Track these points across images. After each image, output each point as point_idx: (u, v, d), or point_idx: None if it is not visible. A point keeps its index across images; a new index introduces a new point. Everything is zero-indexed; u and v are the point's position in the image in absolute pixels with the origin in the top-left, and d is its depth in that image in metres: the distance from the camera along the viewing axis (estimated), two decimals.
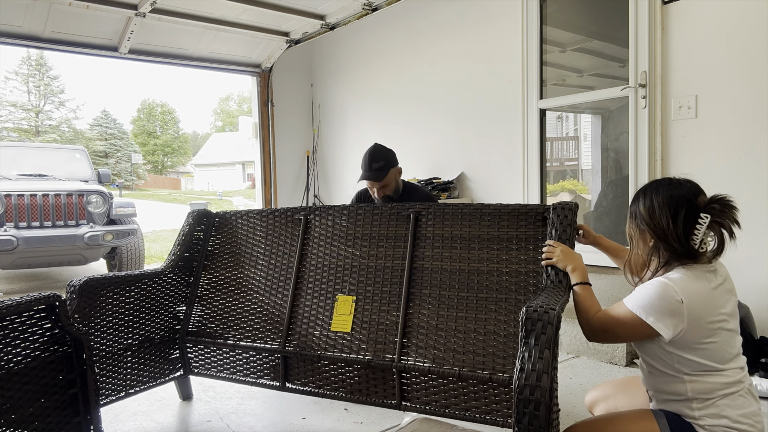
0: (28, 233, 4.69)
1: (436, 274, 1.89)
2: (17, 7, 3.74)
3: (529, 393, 1.11)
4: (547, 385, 1.10)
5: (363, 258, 2.05)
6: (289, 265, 2.19)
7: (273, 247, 2.26)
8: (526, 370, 1.13)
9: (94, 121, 31.73)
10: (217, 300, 2.31)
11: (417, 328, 1.85)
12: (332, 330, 1.99)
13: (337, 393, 1.97)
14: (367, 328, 1.93)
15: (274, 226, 2.29)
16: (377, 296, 1.97)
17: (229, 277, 2.32)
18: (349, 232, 2.11)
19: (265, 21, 4.51)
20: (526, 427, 1.10)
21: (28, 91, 28.84)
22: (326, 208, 2.20)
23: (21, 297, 1.38)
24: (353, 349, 1.92)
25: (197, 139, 46.59)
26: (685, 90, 2.79)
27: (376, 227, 2.06)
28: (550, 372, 1.13)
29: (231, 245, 2.37)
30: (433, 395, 1.79)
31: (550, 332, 1.17)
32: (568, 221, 1.65)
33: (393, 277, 1.96)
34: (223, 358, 2.24)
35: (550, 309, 1.21)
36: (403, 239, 1.99)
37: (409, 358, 1.82)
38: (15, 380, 1.34)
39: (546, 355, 1.14)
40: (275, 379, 2.11)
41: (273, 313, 2.16)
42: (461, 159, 4.07)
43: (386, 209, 2.06)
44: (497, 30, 3.75)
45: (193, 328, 2.30)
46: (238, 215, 2.39)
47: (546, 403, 1.09)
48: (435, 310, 1.84)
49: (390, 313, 1.91)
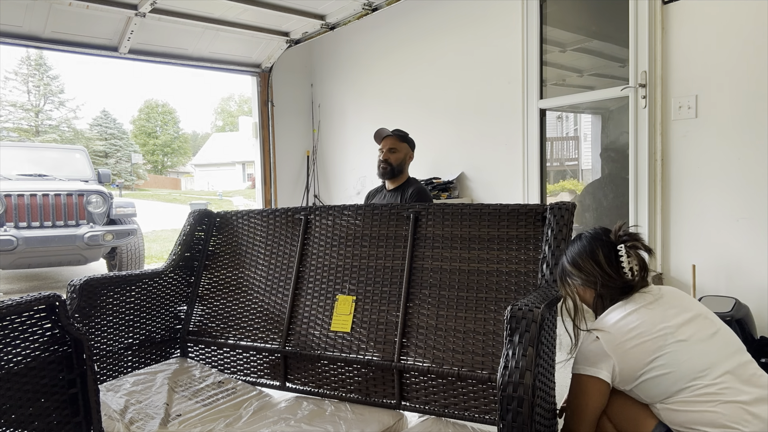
0: (28, 233, 4.69)
1: (435, 274, 1.89)
2: (17, 7, 3.74)
3: (512, 390, 1.12)
4: (530, 383, 1.12)
5: (363, 258, 2.05)
6: (290, 265, 2.20)
7: (273, 247, 2.26)
8: (510, 368, 1.15)
9: (94, 121, 31.70)
10: (218, 300, 2.31)
11: (416, 328, 1.85)
12: (332, 330, 1.99)
13: (336, 393, 1.96)
14: (367, 327, 1.93)
15: (275, 226, 2.29)
16: (377, 296, 1.97)
17: (229, 277, 2.32)
18: (349, 232, 2.11)
19: (265, 21, 4.51)
20: (510, 423, 1.11)
21: (27, 91, 28.83)
22: (326, 208, 2.20)
23: (21, 297, 1.38)
24: (353, 349, 1.93)
25: (197, 139, 46.57)
26: (685, 90, 2.79)
27: (376, 227, 2.06)
28: (533, 369, 1.14)
29: (232, 245, 2.37)
30: (432, 395, 1.79)
31: (534, 330, 1.18)
32: (564, 221, 1.67)
33: (393, 277, 1.96)
34: (223, 357, 2.24)
35: (534, 307, 1.21)
36: (403, 239, 1.99)
37: (409, 358, 1.83)
38: (15, 380, 1.34)
39: (530, 352, 1.15)
40: (275, 379, 2.11)
41: (273, 312, 2.16)
42: (461, 159, 4.07)
43: (386, 209, 2.07)
44: (497, 30, 3.75)
45: (194, 328, 2.30)
46: (238, 215, 2.39)
47: (529, 400, 1.11)
48: (434, 310, 1.84)
49: (390, 313, 1.92)
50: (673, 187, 2.87)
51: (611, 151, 3.53)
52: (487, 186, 3.92)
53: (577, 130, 4.54)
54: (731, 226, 2.64)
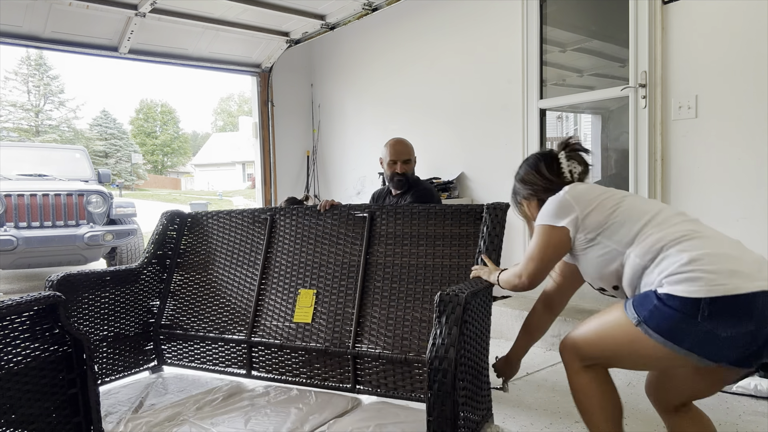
0: (28, 233, 4.69)
1: (388, 268, 2.11)
2: (17, 7, 3.74)
3: (438, 363, 1.29)
4: (453, 357, 1.29)
5: (324, 255, 2.25)
6: (256, 262, 2.37)
7: (241, 246, 2.44)
8: (437, 345, 1.32)
9: (94, 121, 31.70)
10: (189, 295, 2.48)
11: (370, 318, 2.06)
12: (295, 321, 2.19)
13: (297, 379, 2.17)
14: (326, 318, 2.14)
15: (243, 225, 2.46)
16: (335, 290, 2.18)
17: (200, 274, 2.49)
18: (311, 232, 2.31)
19: (265, 21, 4.51)
20: (436, 392, 1.28)
21: (27, 91, 28.84)
22: (290, 209, 2.39)
23: (21, 297, 1.38)
24: (313, 338, 2.14)
25: (197, 139, 46.52)
26: (685, 90, 2.79)
27: (335, 226, 2.27)
28: (457, 346, 1.31)
29: (202, 244, 2.54)
30: (383, 379, 2.00)
31: (459, 312, 1.36)
32: (498, 219, 1.88)
33: (350, 272, 2.17)
34: (194, 349, 2.42)
35: (460, 293, 1.40)
36: (359, 237, 2.19)
37: (363, 345, 2.03)
38: (15, 380, 1.34)
39: (454, 331, 1.33)
40: (242, 368, 2.29)
41: (240, 306, 2.34)
42: (461, 159, 4.06)
43: (345, 209, 2.26)
44: (497, 30, 3.75)
45: (167, 322, 2.46)
46: (209, 215, 2.56)
47: (452, 371, 1.27)
48: (387, 301, 2.06)
49: (347, 305, 2.12)
50: (672, 187, 2.87)
51: (611, 151, 3.53)
52: (487, 186, 3.92)
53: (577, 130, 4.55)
54: (731, 226, 2.64)
